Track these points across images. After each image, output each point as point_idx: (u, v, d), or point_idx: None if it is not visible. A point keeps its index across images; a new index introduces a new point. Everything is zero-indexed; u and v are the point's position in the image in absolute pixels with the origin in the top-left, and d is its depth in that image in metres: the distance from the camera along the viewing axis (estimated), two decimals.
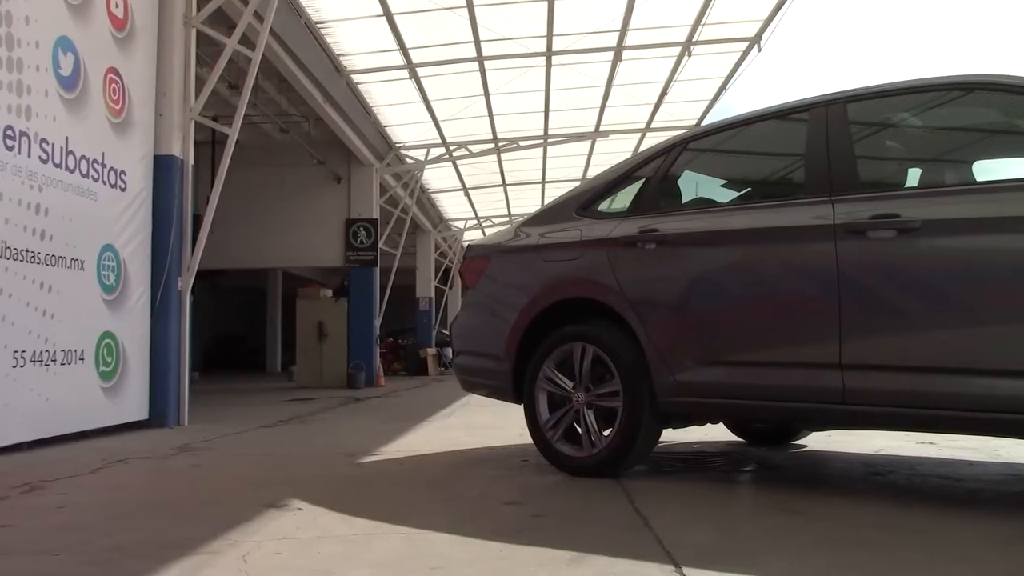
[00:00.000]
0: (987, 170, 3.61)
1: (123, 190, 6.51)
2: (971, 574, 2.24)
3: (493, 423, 6.60)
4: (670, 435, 4.84)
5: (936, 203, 3.14)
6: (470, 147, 15.98)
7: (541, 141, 15.95)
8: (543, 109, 14.22)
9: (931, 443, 4.68)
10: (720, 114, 15.30)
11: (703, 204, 4.12)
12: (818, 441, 4.95)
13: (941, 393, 2.95)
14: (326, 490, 3.68)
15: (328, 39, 11.11)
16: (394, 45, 11.19)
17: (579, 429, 3.91)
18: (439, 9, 10.21)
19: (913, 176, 3.67)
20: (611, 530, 2.83)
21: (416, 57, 11.72)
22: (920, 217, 3.05)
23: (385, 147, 15.72)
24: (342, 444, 5.48)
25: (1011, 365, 2.82)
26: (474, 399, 7.37)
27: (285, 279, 24.86)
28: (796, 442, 4.91)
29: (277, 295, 25.38)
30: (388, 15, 10.25)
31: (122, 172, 6.49)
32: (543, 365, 4.03)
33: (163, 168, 7.04)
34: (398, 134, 15.54)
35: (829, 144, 3.44)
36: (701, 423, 4.32)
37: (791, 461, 4.41)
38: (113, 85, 6.39)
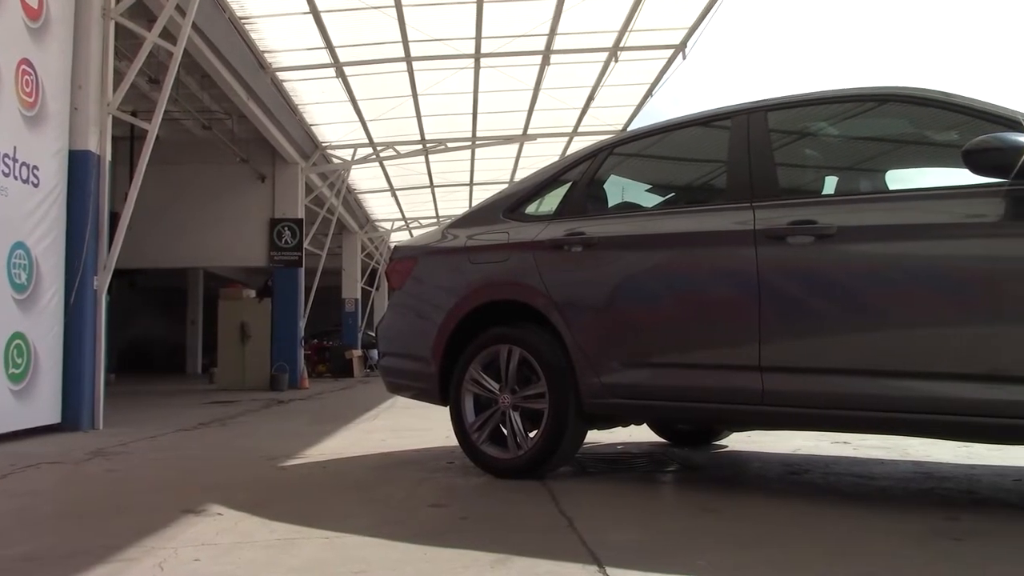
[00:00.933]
0: (899, 179, 3.75)
1: (36, 186, 6.27)
2: (882, 568, 2.31)
3: (419, 425, 6.57)
4: (595, 436, 4.89)
5: (851, 210, 3.24)
6: (398, 148, 15.88)
7: (469, 143, 15.95)
8: (471, 111, 14.22)
9: (846, 442, 4.83)
10: (646, 119, 15.55)
11: (629, 208, 4.18)
12: (738, 441, 5.07)
13: (856, 394, 3.04)
14: (247, 495, 3.60)
15: (253, 35, 10.90)
16: (321, 43, 11.04)
17: (505, 431, 3.92)
18: (367, 8, 10.13)
19: (830, 184, 3.79)
20: (535, 531, 2.84)
21: (343, 56, 11.58)
22: (836, 224, 3.14)
23: (311, 146, 15.49)
24: (264, 447, 5.38)
25: (921, 367, 2.94)
26: (400, 401, 7.33)
27: (207, 279, 24.26)
28: (717, 442, 5.01)
29: (198, 295, 24.76)
30: (315, 12, 10.10)
31: (35, 167, 6.25)
32: (469, 367, 4.02)
33: (78, 163, 6.81)
34: (324, 133, 15.34)
35: (750, 151, 3.52)
36: (626, 424, 4.38)
37: (712, 461, 4.50)
38: (26, 77, 6.15)
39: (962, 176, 2.92)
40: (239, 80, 11.12)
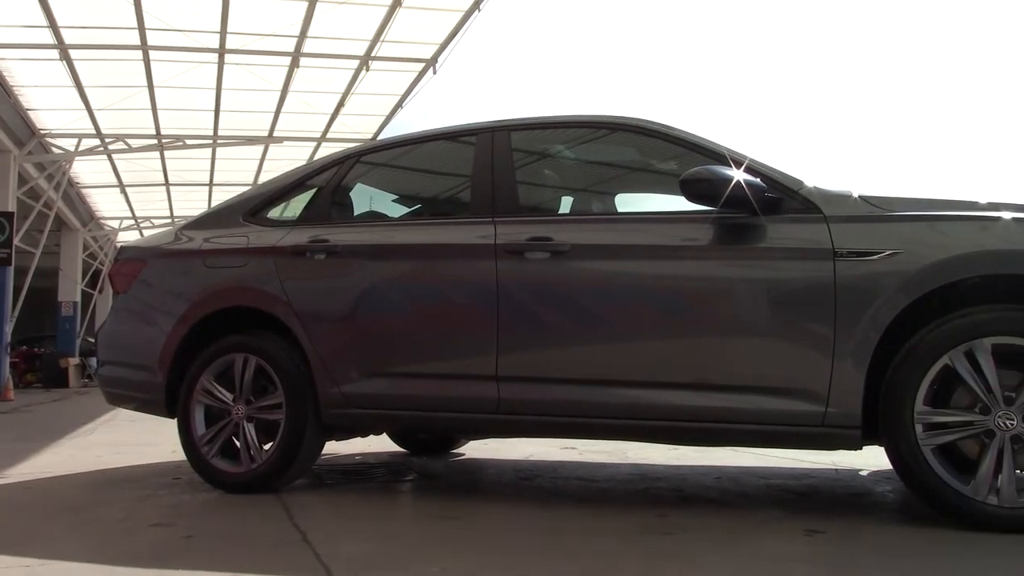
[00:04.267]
0: (627, 202, 4.06)
1: None
2: (604, 565, 2.47)
3: (143, 440, 6.11)
4: (333, 447, 4.81)
5: (583, 229, 3.45)
6: (129, 141, 14.79)
7: (210, 141, 15.19)
8: (214, 108, 13.58)
9: (573, 448, 5.11)
10: (396, 130, 15.64)
11: (374, 217, 4.17)
12: (475, 449, 5.20)
13: (585, 402, 3.24)
14: None
15: None
16: (43, 21, 10.05)
17: (238, 443, 3.75)
18: None
19: (566, 203, 4.01)
20: (267, 546, 2.74)
21: (69, 37, 10.62)
22: (569, 241, 3.33)
23: (27, 132, 14.01)
24: None
25: (644, 376, 3.18)
26: (122, 414, 6.77)
27: None
28: (455, 451, 5.11)
29: None
30: None
31: None
32: (201, 377, 3.82)
33: None
34: (44, 120, 13.94)
35: (494, 168, 3.64)
36: (365, 435, 4.35)
37: (450, 469, 4.58)
38: None
39: (680, 203, 3.20)
40: None
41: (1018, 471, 2.77)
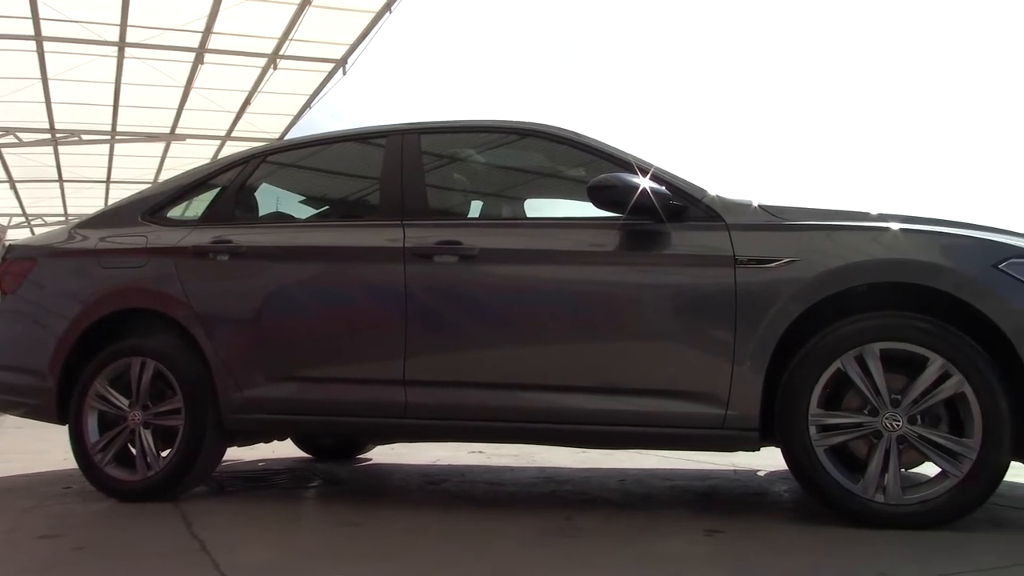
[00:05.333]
0: (536, 208, 4.10)
1: None
2: (504, 570, 2.48)
3: (31, 447, 5.82)
4: (235, 453, 4.69)
5: (493, 233, 3.46)
6: (20, 135, 14.12)
7: (108, 137, 14.64)
8: (112, 103, 13.10)
9: (480, 452, 5.11)
10: (304, 130, 15.41)
11: (281, 218, 4.09)
12: (382, 454, 5.15)
13: (493, 407, 3.25)
14: None
15: None
16: None
17: (134, 450, 3.62)
18: None
19: (475, 208, 4.02)
20: (164, 557, 2.66)
21: None
22: (478, 245, 3.34)
23: None
24: None
25: (551, 380, 3.21)
26: (10, 420, 6.46)
27: None
28: (361, 456, 5.05)
29: None
30: None
31: None
32: (95, 381, 3.67)
33: None
34: None
35: (403, 171, 3.62)
36: (268, 440, 4.26)
37: (356, 475, 4.53)
38: None
39: (588, 209, 3.25)
40: None
41: (903, 470, 2.92)
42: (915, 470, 3.32)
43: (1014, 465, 2.82)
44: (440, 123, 3.83)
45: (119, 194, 17.61)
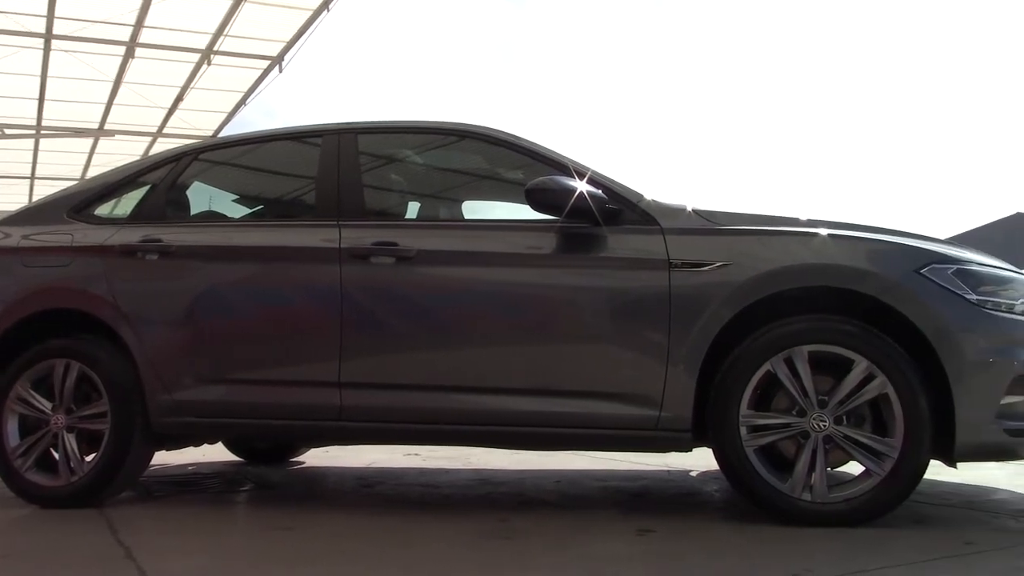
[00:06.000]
0: (473, 209, 4.09)
1: None
2: (438, 573, 2.47)
3: None
4: (164, 457, 4.58)
5: (430, 235, 3.46)
6: None
7: (33, 131, 14.17)
8: (38, 96, 12.69)
9: (416, 454, 5.09)
10: (238, 128, 15.16)
11: (213, 217, 4.01)
12: (316, 457, 5.08)
13: (429, 409, 3.24)
14: None
15: None
16: None
17: (57, 455, 3.51)
18: None
19: (413, 209, 4.00)
20: (87, 565, 2.59)
21: None
22: (415, 247, 3.32)
23: None
24: None
25: (486, 382, 3.21)
26: None
27: None
28: (295, 459, 4.98)
29: None
30: None
31: None
32: (15, 384, 3.55)
33: None
34: None
35: (340, 171, 3.58)
36: (198, 443, 4.17)
37: (289, 478, 4.46)
38: None
39: (525, 211, 3.26)
40: None
41: (830, 469, 3.00)
42: (840, 469, 3.41)
43: (933, 463, 2.92)
44: (378, 123, 3.80)
45: (44, 191, 17.04)
